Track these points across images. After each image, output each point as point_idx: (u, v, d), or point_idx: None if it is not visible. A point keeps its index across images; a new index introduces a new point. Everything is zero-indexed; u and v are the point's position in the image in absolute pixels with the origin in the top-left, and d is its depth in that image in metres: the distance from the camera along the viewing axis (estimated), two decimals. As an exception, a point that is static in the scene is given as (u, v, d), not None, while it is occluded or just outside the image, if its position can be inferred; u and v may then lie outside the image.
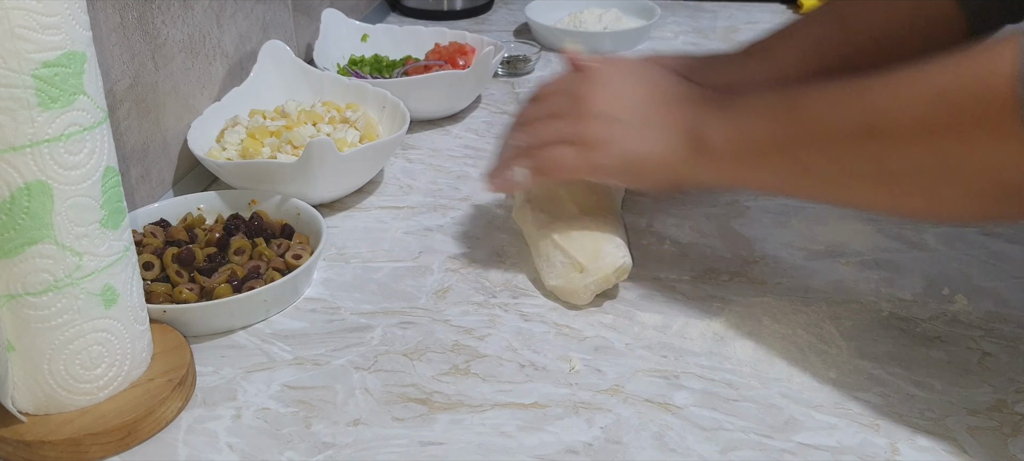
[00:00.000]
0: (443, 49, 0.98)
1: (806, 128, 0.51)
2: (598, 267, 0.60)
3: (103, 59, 0.64)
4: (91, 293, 0.48)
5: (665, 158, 0.58)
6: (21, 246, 0.45)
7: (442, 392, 0.53)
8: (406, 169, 0.82)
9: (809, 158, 0.51)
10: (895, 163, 0.46)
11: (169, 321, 0.57)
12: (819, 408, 0.52)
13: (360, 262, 0.67)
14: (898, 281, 0.64)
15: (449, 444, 0.50)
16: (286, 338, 0.59)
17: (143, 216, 0.67)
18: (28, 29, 0.42)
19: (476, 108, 0.96)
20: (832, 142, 0.49)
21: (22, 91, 0.42)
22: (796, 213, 0.73)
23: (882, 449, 0.49)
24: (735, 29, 1.22)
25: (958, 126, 0.43)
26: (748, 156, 0.54)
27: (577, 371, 0.55)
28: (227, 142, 0.75)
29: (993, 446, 0.49)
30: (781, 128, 0.52)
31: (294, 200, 0.69)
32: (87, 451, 0.48)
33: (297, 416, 0.52)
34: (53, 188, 0.45)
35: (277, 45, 0.85)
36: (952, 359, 0.56)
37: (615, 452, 0.49)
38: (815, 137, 0.50)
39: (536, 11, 1.18)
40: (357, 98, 0.83)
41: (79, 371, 0.48)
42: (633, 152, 0.59)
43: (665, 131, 0.58)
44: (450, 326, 0.60)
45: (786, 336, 0.58)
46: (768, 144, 0.53)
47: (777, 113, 0.53)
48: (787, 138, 0.52)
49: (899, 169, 0.46)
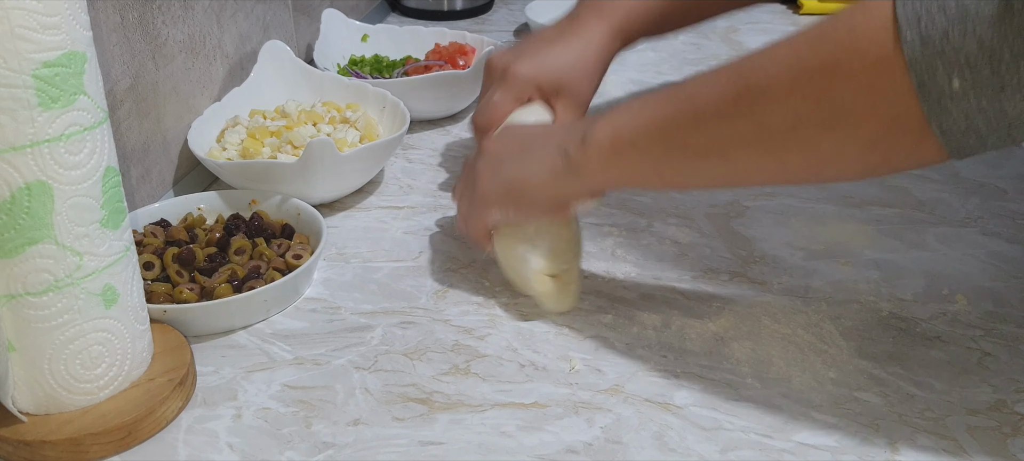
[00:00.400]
0: (443, 49, 0.98)
1: (682, 106, 0.50)
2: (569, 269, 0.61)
3: (103, 59, 0.64)
4: (91, 293, 0.48)
5: (544, 176, 0.57)
6: (21, 246, 0.45)
7: (442, 392, 0.53)
8: (406, 169, 0.82)
9: (687, 136, 0.50)
10: (774, 119, 0.45)
11: (169, 321, 0.57)
12: (819, 408, 0.52)
13: (360, 262, 0.67)
14: (898, 281, 0.64)
15: (449, 444, 0.50)
16: (286, 338, 0.59)
17: (143, 216, 0.67)
18: (28, 29, 0.42)
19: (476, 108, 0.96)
20: (708, 113, 0.48)
21: (22, 91, 0.43)
22: (796, 213, 0.73)
23: (882, 449, 0.49)
24: (735, 29, 1.21)
25: (834, 65, 0.42)
26: (627, 149, 0.53)
27: (577, 371, 0.55)
28: (227, 142, 0.75)
29: (993, 446, 0.49)
30: (657, 112, 0.51)
31: (294, 200, 0.69)
32: (87, 451, 0.48)
33: (297, 416, 0.52)
34: (53, 188, 0.45)
35: (277, 45, 0.85)
36: (952, 359, 0.56)
37: (615, 452, 0.49)
38: (691, 112, 0.49)
39: (536, 11, 1.18)
40: (357, 98, 0.84)
41: (79, 371, 0.49)
42: (512, 177, 0.59)
43: (544, 152, 0.58)
44: (450, 326, 0.60)
45: (786, 336, 0.58)
46: (646, 131, 0.51)
47: (652, 101, 0.52)
48: (664, 120, 0.50)
49: (778, 126, 0.45)
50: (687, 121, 0.49)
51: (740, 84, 0.46)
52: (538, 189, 0.58)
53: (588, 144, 0.54)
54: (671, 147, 0.51)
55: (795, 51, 0.44)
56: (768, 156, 0.47)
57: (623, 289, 0.63)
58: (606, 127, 0.54)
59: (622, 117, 0.53)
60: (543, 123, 0.66)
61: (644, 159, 0.52)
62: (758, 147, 0.47)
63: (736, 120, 0.46)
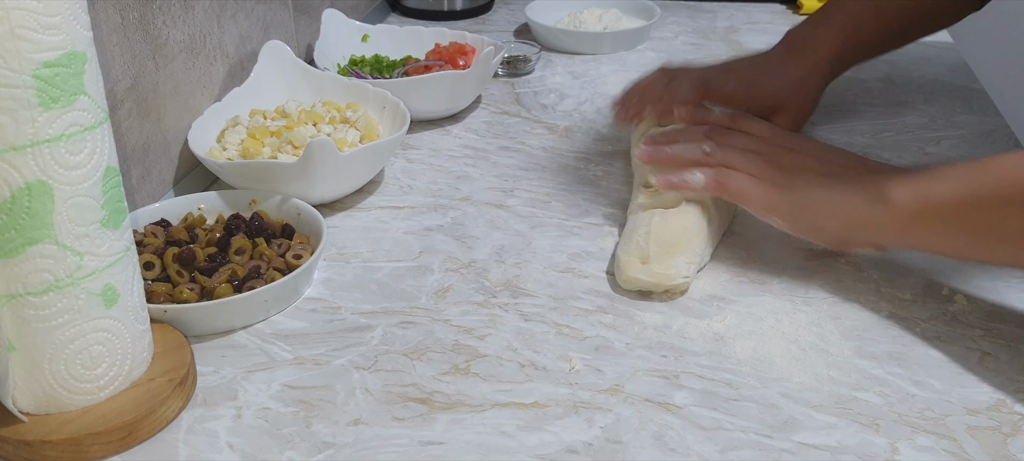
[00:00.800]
0: (443, 49, 0.98)
1: (992, 187, 0.51)
2: (656, 272, 0.61)
3: (104, 59, 0.64)
4: (92, 293, 0.48)
5: (840, 209, 0.58)
6: (22, 246, 0.45)
7: (442, 392, 0.54)
8: (406, 169, 0.82)
9: (991, 218, 0.51)
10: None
11: (170, 321, 0.57)
12: (819, 408, 0.52)
13: (360, 262, 0.67)
14: (898, 281, 0.64)
15: (449, 444, 0.50)
16: (286, 338, 0.59)
17: (144, 216, 0.67)
18: (29, 29, 0.42)
19: (476, 108, 0.96)
20: (1016, 200, 0.50)
21: (23, 91, 0.43)
22: (796, 213, 0.73)
23: (882, 449, 0.49)
24: (735, 29, 1.21)
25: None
26: (930, 216, 0.54)
27: (577, 371, 0.55)
28: (228, 142, 0.75)
29: (993, 446, 0.49)
30: (966, 188, 0.52)
31: (294, 200, 0.69)
32: (88, 451, 0.48)
33: (297, 416, 0.52)
34: (54, 188, 0.45)
35: (277, 45, 0.85)
36: (952, 359, 0.56)
37: (615, 452, 0.49)
38: (998, 196, 0.51)
39: (536, 11, 1.18)
40: (357, 98, 0.84)
41: (80, 371, 0.49)
42: (810, 199, 0.60)
43: (846, 186, 0.59)
44: (450, 326, 0.60)
45: (786, 336, 0.58)
46: (952, 203, 0.53)
47: (963, 175, 0.53)
48: (972, 198, 0.52)
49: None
50: (993, 204, 0.51)
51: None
52: (834, 224, 0.59)
53: (889, 204, 0.56)
54: (974, 227, 0.52)
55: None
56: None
57: (624, 289, 0.63)
58: (910, 192, 0.55)
59: (928, 184, 0.55)
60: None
61: (944, 233, 0.54)
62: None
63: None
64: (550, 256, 0.68)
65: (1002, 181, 0.51)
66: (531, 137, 0.89)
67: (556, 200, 0.76)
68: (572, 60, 1.09)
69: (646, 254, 0.62)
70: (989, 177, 0.52)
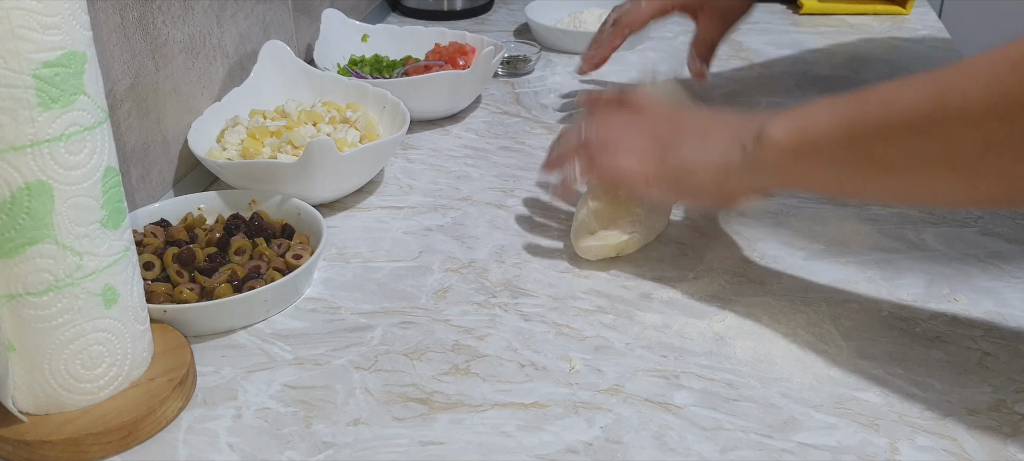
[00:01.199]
0: (443, 49, 0.98)
1: (872, 115, 0.48)
2: (603, 236, 0.66)
3: (103, 59, 0.64)
4: (91, 293, 0.48)
5: (717, 165, 0.57)
6: (21, 246, 0.45)
7: (442, 392, 0.53)
8: (406, 169, 0.82)
9: (875, 147, 0.48)
10: (967, 141, 0.44)
11: (169, 321, 0.57)
12: (819, 408, 0.52)
13: (360, 262, 0.67)
14: (898, 281, 0.64)
15: (449, 444, 0.50)
16: (286, 338, 0.59)
17: (143, 216, 0.67)
18: (28, 29, 0.42)
19: (476, 108, 0.96)
20: (899, 127, 0.47)
21: (23, 91, 0.43)
22: (796, 213, 0.73)
23: (882, 449, 0.49)
24: (735, 29, 1.21)
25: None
26: (809, 150, 0.51)
27: (577, 371, 0.55)
28: (227, 142, 0.75)
29: (993, 446, 0.49)
30: (845, 118, 0.49)
31: (294, 200, 0.69)
32: (88, 451, 0.48)
33: (297, 416, 0.52)
34: (54, 188, 0.45)
35: (277, 45, 0.85)
36: (952, 359, 0.56)
37: (615, 452, 0.49)
38: (882, 122, 0.47)
39: (536, 11, 1.18)
40: (357, 98, 0.84)
41: (80, 371, 0.49)
42: (686, 161, 0.58)
43: (720, 142, 0.57)
44: (450, 326, 0.60)
45: (786, 336, 0.58)
46: (831, 135, 0.50)
47: (841, 105, 0.50)
48: (852, 127, 0.49)
49: (972, 149, 0.44)
50: (876, 130, 0.48)
51: (935, 99, 0.45)
52: (709, 179, 0.57)
53: (765, 142, 0.53)
54: (857, 156, 0.49)
55: (995, 72, 0.42)
56: (958, 178, 0.46)
57: (623, 289, 0.63)
58: (786, 126, 0.52)
59: (804, 117, 0.52)
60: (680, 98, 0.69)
61: (825, 164, 0.51)
62: (949, 168, 0.46)
63: (928, 139, 0.45)
64: (550, 256, 0.68)
65: (883, 105, 0.48)
66: (531, 137, 0.89)
67: (556, 200, 0.76)
68: (572, 60, 1.09)
69: (593, 228, 0.66)
70: (869, 104, 0.48)
